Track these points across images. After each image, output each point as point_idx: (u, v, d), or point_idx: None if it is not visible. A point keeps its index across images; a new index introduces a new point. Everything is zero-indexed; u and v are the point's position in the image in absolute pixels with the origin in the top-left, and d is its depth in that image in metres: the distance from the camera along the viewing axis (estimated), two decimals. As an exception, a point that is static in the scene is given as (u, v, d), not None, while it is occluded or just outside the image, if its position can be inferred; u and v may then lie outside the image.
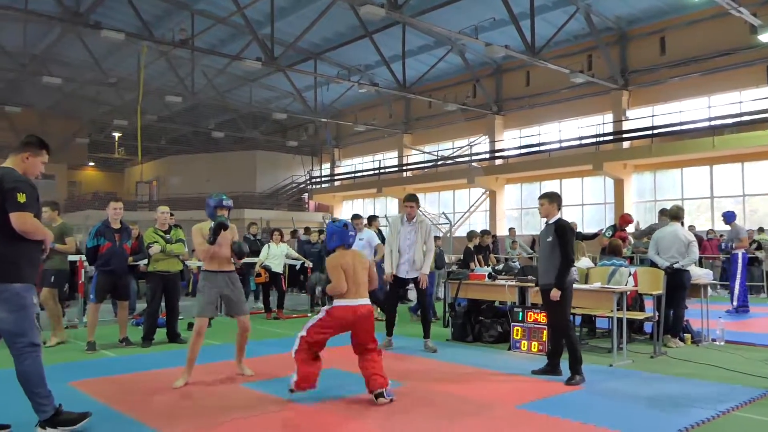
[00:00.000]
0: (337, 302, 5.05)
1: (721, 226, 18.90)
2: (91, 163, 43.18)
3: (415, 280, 7.50)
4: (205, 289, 5.62)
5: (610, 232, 10.75)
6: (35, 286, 4.09)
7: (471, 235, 11.42)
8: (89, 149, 40.22)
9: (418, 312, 8.83)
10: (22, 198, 3.84)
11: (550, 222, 5.97)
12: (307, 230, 15.95)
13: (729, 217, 11.27)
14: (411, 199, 7.61)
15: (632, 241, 13.91)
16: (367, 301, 5.09)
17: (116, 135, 38.37)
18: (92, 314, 7.50)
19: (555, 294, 5.70)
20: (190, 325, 9.13)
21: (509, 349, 7.29)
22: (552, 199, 6.03)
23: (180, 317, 8.63)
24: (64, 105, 34.32)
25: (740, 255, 11.16)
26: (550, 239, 5.88)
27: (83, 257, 9.11)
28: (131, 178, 41.81)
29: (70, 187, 40.92)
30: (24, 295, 3.90)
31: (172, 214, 8.31)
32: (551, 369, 5.94)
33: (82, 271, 9.47)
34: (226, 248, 5.71)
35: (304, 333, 5.03)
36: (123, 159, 42.15)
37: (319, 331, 5.00)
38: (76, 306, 9.96)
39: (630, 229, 12.45)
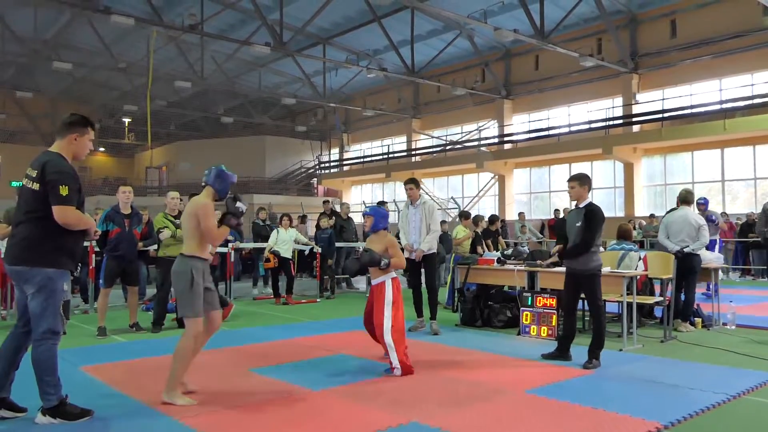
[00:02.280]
0: (393, 275, 5.61)
1: (733, 209, 18.84)
2: (102, 149, 43.27)
3: (425, 258, 7.56)
4: (196, 281, 4.55)
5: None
6: (70, 274, 4.15)
7: (477, 219, 11.39)
8: (99, 134, 40.10)
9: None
10: (64, 191, 3.89)
11: (581, 206, 5.87)
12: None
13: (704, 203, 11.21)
14: (410, 182, 7.84)
15: None
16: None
17: (126, 120, 38.43)
18: (102, 299, 7.54)
19: (556, 249, 6.22)
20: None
21: (519, 334, 7.29)
22: (583, 182, 5.90)
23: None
24: (75, 90, 34.41)
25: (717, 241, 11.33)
26: (579, 224, 5.76)
27: (93, 242, 9.16)
28: (141, 163, 41.94)
29: (80, 173, 40.42)
30: (55, 280, 3.97)
31: (181, 200, 8.33)
32: (561, 354, 5.94)
33: (93, 256, 9.53)
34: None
35: (390, 324, 5.36)
36: (133, 144, 42.21)
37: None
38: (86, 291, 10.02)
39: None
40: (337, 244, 12.44)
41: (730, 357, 6.04)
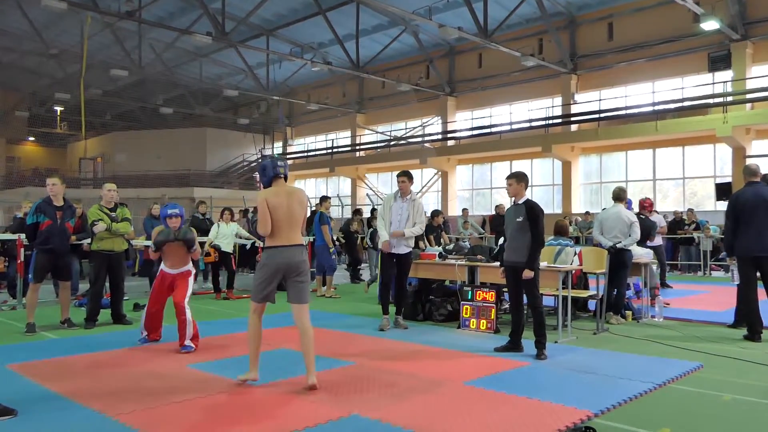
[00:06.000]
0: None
1: (664, 207, 19.68)
2: (31, 138, 41.36)
3: (402, 257, 7.42)
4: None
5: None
6: None
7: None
8: (29, 123, 38.48)
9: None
10: None
11: (520, 202, 6.08)
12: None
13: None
14: (403, 174, 7.48)
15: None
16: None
17: (58, 109, 36.79)
18: (31, 295, 7.23)
19: (528, 274, 5.85)
20: (136, 306, 8.98)
21: (459, 327, 7.41)
22: (520, 179, 6.14)
23: (125, 298, 8.44)
24: (2, 76, 32.68)
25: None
26: (520, 219, 5.98)
27: (22, 235, 8.78)
28: (74, 154, 40.29)
29: (8, 163, 39.18)
30: None
31: (117, 191, 8.05)
32: (513, 346, 6.09)
33: (21, 250, 9.12)
34: None
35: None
36: (65, 134, 40.45)
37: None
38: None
39: None
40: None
41: (658, 348, 6.32)
